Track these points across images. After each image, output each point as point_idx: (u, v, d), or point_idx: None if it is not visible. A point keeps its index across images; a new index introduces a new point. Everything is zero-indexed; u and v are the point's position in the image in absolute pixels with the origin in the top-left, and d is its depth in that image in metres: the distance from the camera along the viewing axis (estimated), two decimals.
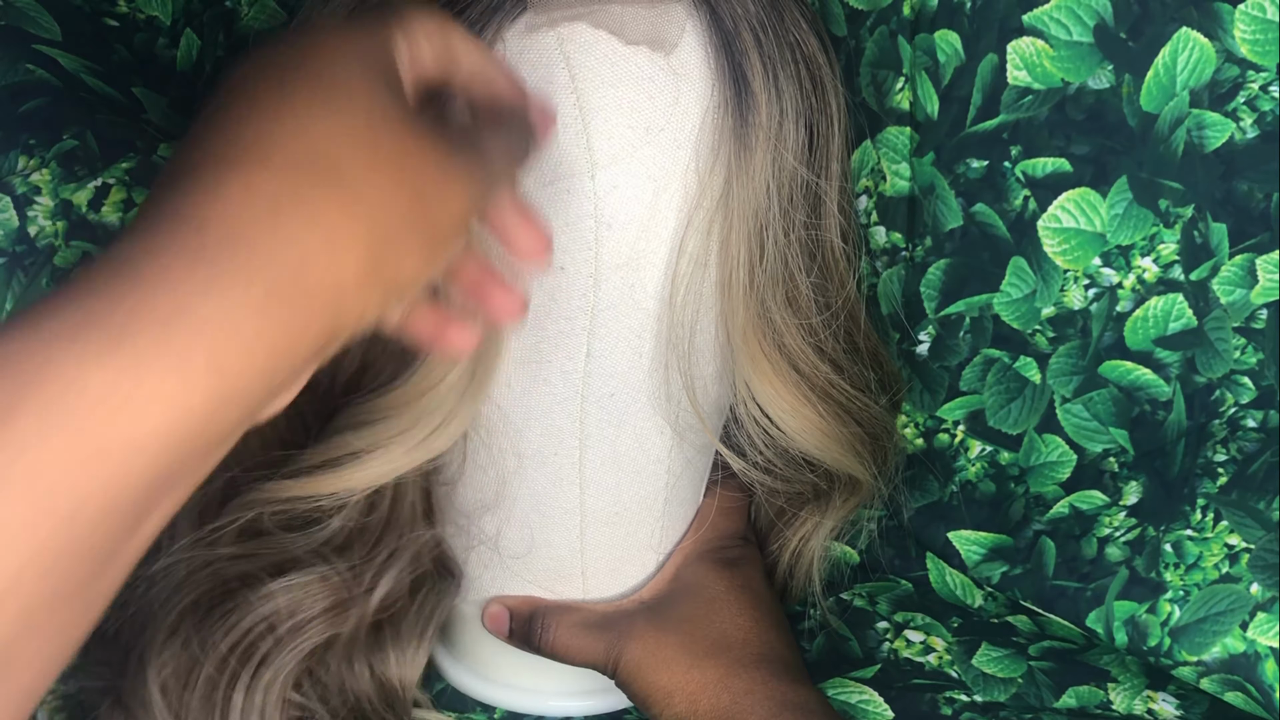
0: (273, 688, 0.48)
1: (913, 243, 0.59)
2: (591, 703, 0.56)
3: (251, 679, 0.48)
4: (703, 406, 0.48)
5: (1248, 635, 0.54)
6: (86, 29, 0.56)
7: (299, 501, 0.48)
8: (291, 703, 0.49)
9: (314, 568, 0.49)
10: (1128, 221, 0.55)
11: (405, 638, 0.52)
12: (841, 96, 0.47)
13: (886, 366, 0.55)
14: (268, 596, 0.48)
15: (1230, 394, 0.56)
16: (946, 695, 0.57)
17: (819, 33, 0.46)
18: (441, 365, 0.45)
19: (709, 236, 0.44)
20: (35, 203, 0.52)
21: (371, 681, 0.52)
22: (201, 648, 0.47)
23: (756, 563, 0.54)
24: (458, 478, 0.50)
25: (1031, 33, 0.53)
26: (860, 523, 0.61)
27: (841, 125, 0.47)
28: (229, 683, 0.47)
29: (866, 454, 0.53)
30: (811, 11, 0.46)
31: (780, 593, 0.58)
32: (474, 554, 0.53)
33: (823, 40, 0.46)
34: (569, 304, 0.45)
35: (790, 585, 0.58)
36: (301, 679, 0.49)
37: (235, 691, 0.47)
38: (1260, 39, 0.50)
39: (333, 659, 0.50)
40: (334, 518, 0.49)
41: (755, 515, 0.58)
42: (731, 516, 0.55)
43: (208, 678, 0.47)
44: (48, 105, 0.53)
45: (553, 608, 0.52)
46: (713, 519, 0.54)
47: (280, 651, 0.48)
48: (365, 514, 0.49)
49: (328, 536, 0.49)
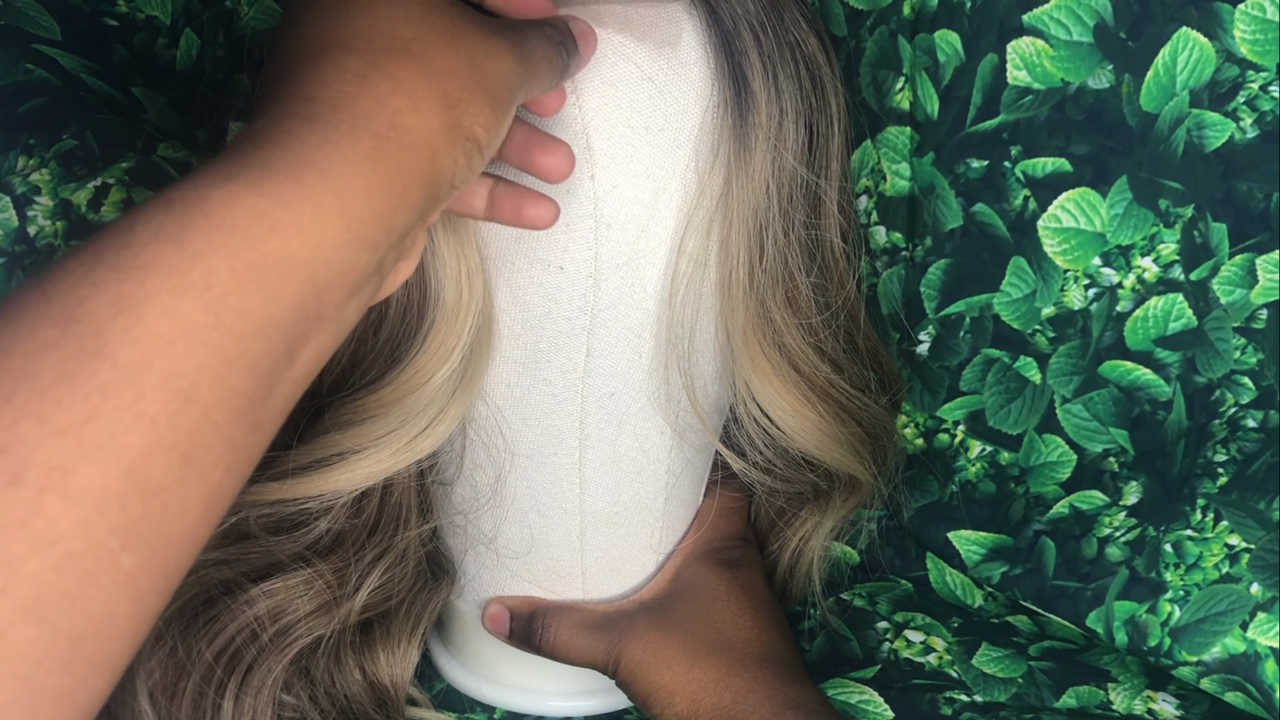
0: (261, 693, 0.47)
1: (913, 243, 0.59)
2: (591, 703, 0.56)
3: (240, 686, 0.47)
4: (702, 406, 0.48)
5: (1248, 635, 0.54)
6: (86, 29, 0.56)
7: (285, 504, 0.47)
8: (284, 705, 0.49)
9: (298, 571, 0.48)
10: (1128, 221, 0.55)
11: (395, 636, 0.52)
12: (842, 96, 0.47)
13: (886, 366, 0.55)
14: (251, 601, 0.48)
15: (1230, 394, 0.56)
16: (946, 695, 0.57)
17: (819, 32, 0.46)
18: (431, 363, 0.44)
19: (709, 236, 0.44)
20: (35, 202, 0.52)
21: (362, 682, 0.51)
22: (188, 655, 0.47)
23: (756, 563, 0.54)
24: (455, 477, 0.50)
25: (1031, 33, 0.53)
26: (860, 523, 0.61)
27: (841, 125, 0.47)
28: (216, 690, 0.47)
29: (866, 454, 0.53)
30: (811, 11, 0.46)
31: (780, 593, 0.58)
32: (472, 553, 0.52)
33: (822, 40, 0.46)
34: (569, 304, 0.45)
35: (790, 585, 0.58)
36: (292, 681, 0.49)
37: (224, 699, 0.47)
38: (1260, 39, 0.50)
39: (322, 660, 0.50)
40: (320, 520, 0.48)
41: (755, 515, 0.58)
42: (731, 517, 0.55)
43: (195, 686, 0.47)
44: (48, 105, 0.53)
45: (553, 608, 0.52)
46: (713, 519, 0.54)
47: (266, 657, 0.48)
48: (352, 516, 0.49)
49: (314, 539, 0.49)
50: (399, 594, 0.51)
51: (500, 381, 0.47)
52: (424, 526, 0.51)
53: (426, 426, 0.45)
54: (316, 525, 0.48)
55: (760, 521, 0.58)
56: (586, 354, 0.46)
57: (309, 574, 0.48)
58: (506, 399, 0.47)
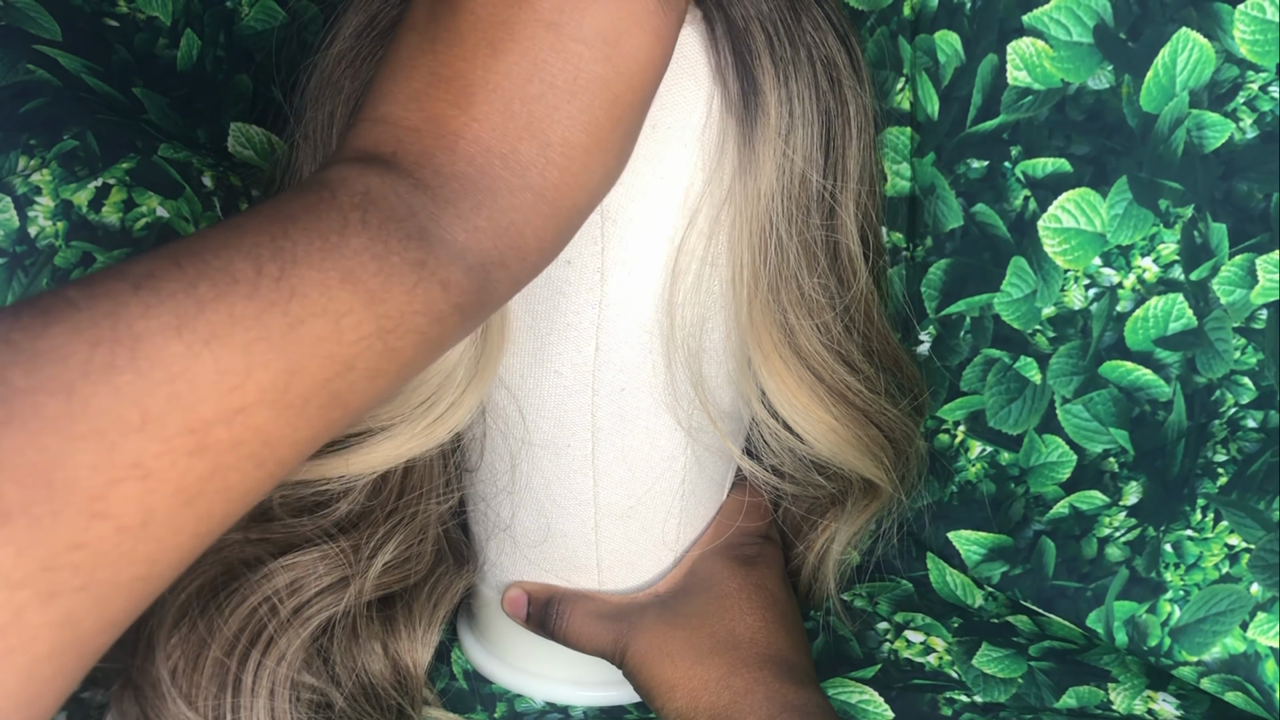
0: (280, 667, 0.48)
1: (913, 243, 0.59)
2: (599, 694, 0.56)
3: (260, 659, 0.48)
4: (714, 408, 0.48)
5: (1248, 635, 0.54)
6: (87, 29, 0.56)
7: (306, 485, 0.48)
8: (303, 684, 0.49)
9: (316, 546, 0.49)
10: (1128, 221, 0.55)
11: (417, 616, 0.53)
12: (863, 96, 0.46)
13: (906, 370, 0.54)
14: (270, 575, 0.49)
15: (1230, 394, 0.56)
16: (947, 696, 0.57)
17: (840, 31, 0.45)
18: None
19: (715, 235, 0.44)
20: (35, 203, 0.52)
21: (384, 659, 0.52)
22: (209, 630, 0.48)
23: (775, 562, 0.54)
24: (478, 465, 0.51)
25: (1031, 33, 0.53)
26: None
27: (860, 125, 0.46)
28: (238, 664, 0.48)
29: (888, 459, 0.53)
30: (837, 10, 0.46)
31: (804, 596, 0.58)
32: (494, 541, 0.53)
33: (845, 40, 0.45)
34: (577, 298, 0.45)
35: (813, 589, 0.58)
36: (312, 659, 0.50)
37: (244, 672, 0.48)
38: (1260, 39, 0.50)
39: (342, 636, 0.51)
40: (341, 502, 0.50)
41: (782, 517, 0.58)
42: (753, 514, 0.55)
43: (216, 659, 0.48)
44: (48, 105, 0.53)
45: (569, 595, 0.53)
46: (734, 516, 0.54)
47: (286, 630, 0.49)
48: (371, 497, 0.50)
49: (335, 520, 0.50)
50: (418, 573, 0.53)
51: (514, 371, 0.47)
52: (442, 506, 0.52)
53: (442, 413, 0.46)
54: (338, 507, 0.50)
55: (786, 524, 0.58)
56: (596, 348, 0.46)
57: (326, 548, 0.49)
58: (520, 388, 0.48)
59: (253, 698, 0.48)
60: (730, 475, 0.55)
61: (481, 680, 0.58)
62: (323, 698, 0.50)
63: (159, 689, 0.47)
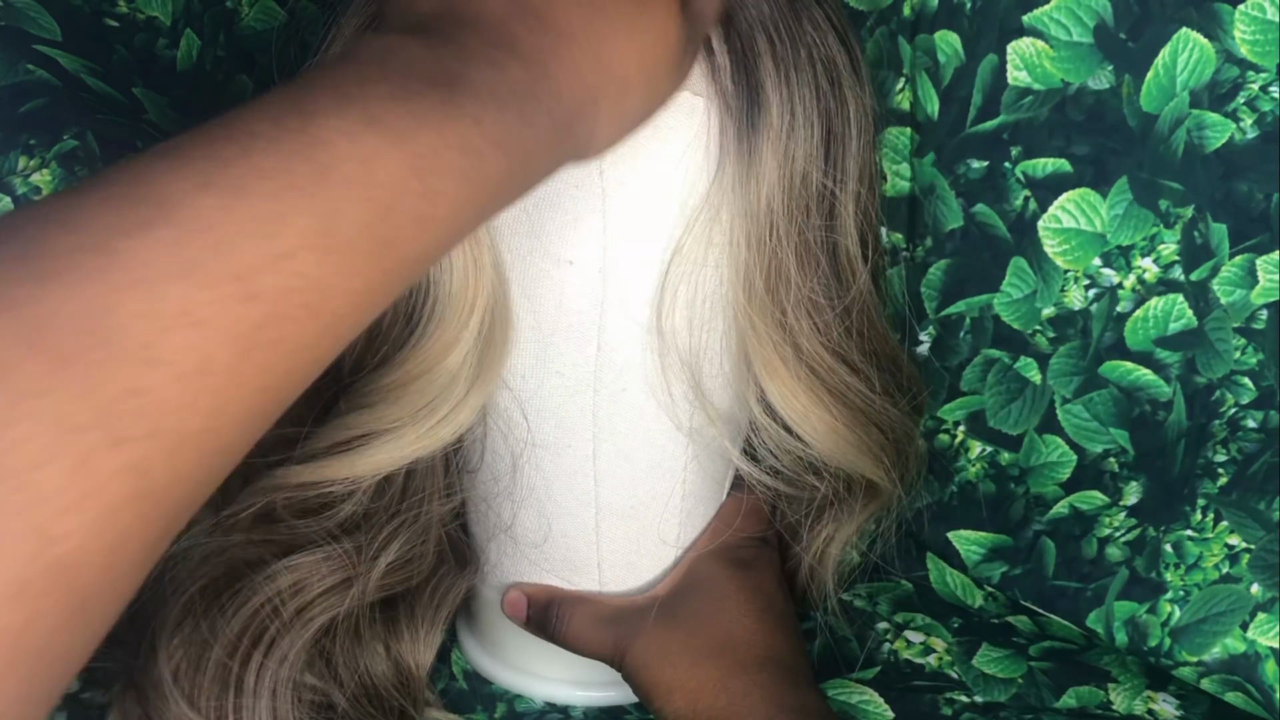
0: (283, 668, 0.48)
1: (913, 243, 0.59)
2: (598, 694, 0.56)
3: (262, 660, 0.48)
4: (714, 409, 0.48)
5: (1248, 635, 0.54)
6: (87, 29, 0.56)
7: (310, 487, 0.48)
8: (305, 685, 0.49)
9: (320, 547, 0.50)
10: (1128, 222, 0.55)
11: (419, 617, 0.53)
12: (862, 96, 0.46)
13: (906, 370, 0.54)
14: (273, 576, 0.49)
15: (1230, 394, 0.56)
16: (947, 696, 0.57)
17: (841, 31, 0.45)
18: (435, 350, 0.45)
19: (715, 235, 0.44)
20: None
21: (387, 661, 0.52)
22: (211, 631, 0.48)
23: (771, 565, 0.54)
24: (478, 466, 0.51)
25: (1031, 33, 0.53)
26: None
27: (861, 125, 0.46)
28: (240, 664, 0.48)
29: (888, 460, 0.53)
30: (837, 10, 0.46)
31: (801, 597, 0.58)
32: (494, 541, 0.53)
33: (844, 39, 0.45)
34: (579, 298, 0.45)
35: (810, 590, 0.58)
36: (314, 660, 0.50)
37: (246, 673, 0.48)
38: (1260, 39, 0.50)
39: (345, 636, 0.51)
40: (344, 503, 0.50)
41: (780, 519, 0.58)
42: (750, 517, 0.55)
43: (218, 660, 0.48)
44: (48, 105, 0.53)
45: (570, 598, 0.53)
46: (731, 518, 0.54)
47: (288, 631, 0.49)
48: (374, 498, 0.50)
49: (339, 522, 0.50)
50: (420, 574, 0.53)
51: (516, 372, 0.47)
52: (444, 508, 0.52)
53: (446, 414, 0.46)
54: (341, 509, 0.50)
55: (784, 525, 0.58)
56: (597, 348, 0.46)
57: (330, 549, 0.49)
58: (523, 388, 0.48)
59: (255, 698, 0.48)
60: (730, 475, 0.55)
61: (481, 680, 0.58)
62: (325, 699, 0.50)
63: (161, 689, 0.47)
